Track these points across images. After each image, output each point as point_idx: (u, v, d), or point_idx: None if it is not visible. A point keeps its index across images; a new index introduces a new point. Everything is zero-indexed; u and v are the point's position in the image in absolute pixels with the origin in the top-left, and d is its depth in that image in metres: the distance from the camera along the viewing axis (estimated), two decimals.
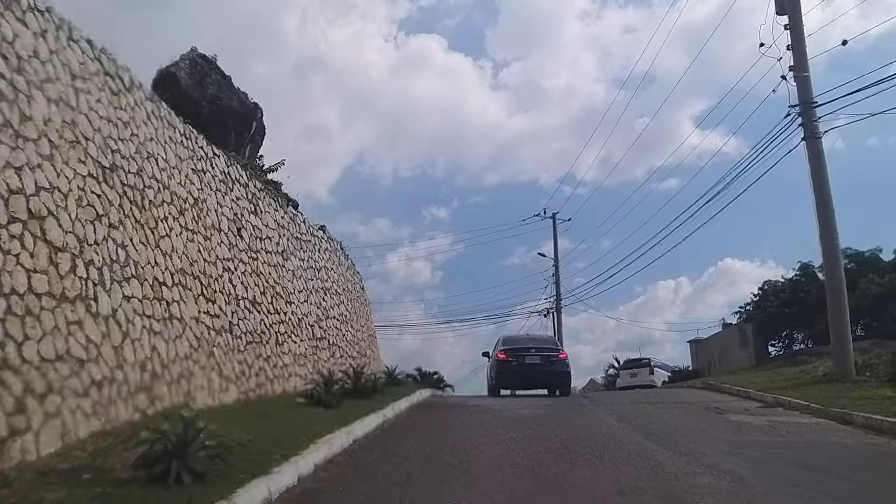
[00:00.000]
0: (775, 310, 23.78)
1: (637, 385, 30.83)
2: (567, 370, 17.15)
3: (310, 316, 14.11)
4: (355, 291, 19.75)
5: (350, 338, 16.84)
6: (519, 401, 15.09)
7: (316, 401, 10.67)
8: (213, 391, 9.39)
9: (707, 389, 17.21)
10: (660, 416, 11.63)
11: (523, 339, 19.81)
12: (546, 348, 17.58)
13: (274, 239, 13.41)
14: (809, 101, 16.08)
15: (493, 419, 11.17)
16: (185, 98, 14.30)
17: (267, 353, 11.66)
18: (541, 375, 16.87)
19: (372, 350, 21.14)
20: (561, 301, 43.25)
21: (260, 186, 13.50)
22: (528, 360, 16.99)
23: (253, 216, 12.68)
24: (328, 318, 15.29)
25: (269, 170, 18.37)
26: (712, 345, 29.60)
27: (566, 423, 10.76)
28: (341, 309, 16.60)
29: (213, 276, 10.32)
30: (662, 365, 32.45)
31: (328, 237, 17.28)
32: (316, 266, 15.44)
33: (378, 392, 13.91)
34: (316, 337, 14.14)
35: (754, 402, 13.89)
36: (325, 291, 15.68)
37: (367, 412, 10.65)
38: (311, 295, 14.57)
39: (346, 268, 19.09)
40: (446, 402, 14.59)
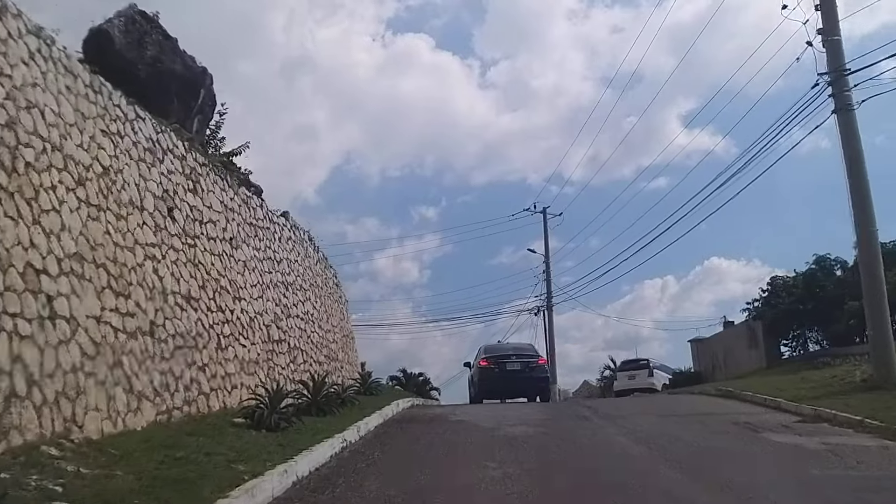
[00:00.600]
0: (788, 307, 21.77)
1: (636, 388, 28.87)
2: (546, 375, 17.68)
3: (265, 315, 11.94)
4: (326, 287, 17.60)
5: (317, 340, 14.69)
6: (510, 412, 13.00)
7: (257, 421, 8.51)
8: (116, 413, 7.21)
9: (724, 397, 15.16)
10: (681, 435, 9.56)
11: (504, 346, 19.97)
12: (526, 355, 17.81)
13: (220, 223, 11.23)
14: (841, 67, 14.06)
15: (480, 442, 9.06)
16: (118, 59, 12.07)
17: (204, 359, 9.48)
18: (522, 381, 17.05)
19: (347, 353, 18.99)
20: (552, 299, 41.27)
21: (202, 161, 11.32)
22: (509, 367, 17.24)
23: (191, 195, 10.50)
24: (289, 318, 13.13)
25: (232, 153, 16.34)
26: (716, 345, 27.65)
27: (572, 446, 8.67)
28: (307, 307, 14.45)
29: (127, 265, 8.13)
30: (662, 366, 30.46)
31: (293, 225, 15.10)
32: (275, 257, 13.27)
33: (346, 405, 11.81)
34: (272, 339, 11.98)
35: (788, 414, 11.85)
36: (287, 286, 13.51)
37: (324, 435, 8.52)
38: (268, 290, 12.41)
39: (316, 261, 16.92)
40: (426, 416, 12.48)
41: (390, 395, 16.82)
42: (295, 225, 15.37)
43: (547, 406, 15.41)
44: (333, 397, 11.50)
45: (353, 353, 20.68)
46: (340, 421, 9.96)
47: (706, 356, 28.24)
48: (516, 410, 13.57)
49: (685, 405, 14.12)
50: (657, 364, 30.24)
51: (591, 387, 40.63)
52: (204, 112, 13.79)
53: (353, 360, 20.19)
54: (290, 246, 14.44)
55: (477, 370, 17.92)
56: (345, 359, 18.03)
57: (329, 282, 18.26)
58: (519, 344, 20.71)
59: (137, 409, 7.67)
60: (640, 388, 28.86)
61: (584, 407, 14.15)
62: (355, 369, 20.24)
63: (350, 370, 18.50)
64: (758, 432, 9.96)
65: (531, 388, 17.34)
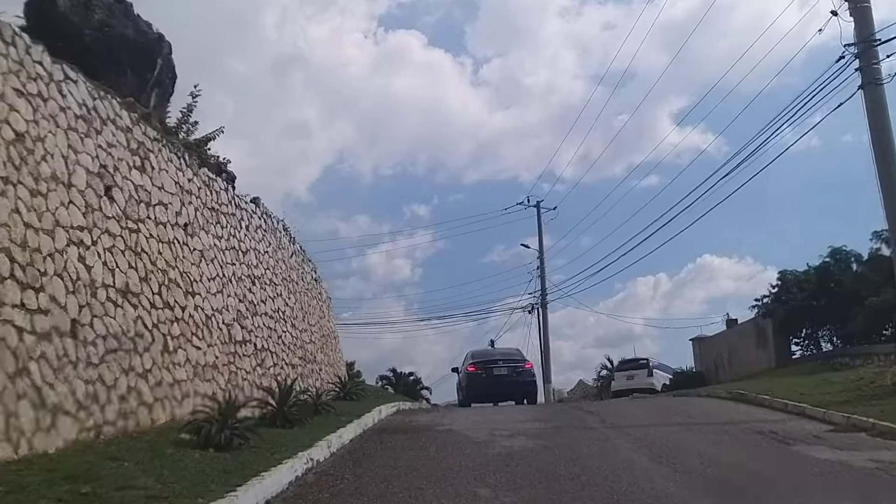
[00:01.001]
0: (800, 303, 20.44)
1: (635, 389, 27.57)
2: (533, 379, 17.90)
3: (226, 312, 10.51)
4: (303, 283, 16.17)
5: (290, 340, 13.26)
6: (504, 420, 11.62)
7: (205, 439, 7.10)
8: (19, 433, 5.78)
9: (737, 401, 13.83)
10: (706, 451, 8.20)
11: (490, 352, 21.00)
12: (512, 359, 18.07)
13: (172, 207, 9.79)
14: (870, 37, 12.76)
15: (472, 460, 7.67)
16: (63, 24, 10.72)
17: (145, 364, 8.05)
18: (509, 385, 17.30)
19: (327, 354, 17.57)
20: (546, 296, 39.94)
21: (154, 136, 9.87)
22: (496, 372, 17.51)
23: (137, 173, 9.05)
24: (256, 315, 11.70)
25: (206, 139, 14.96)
26: (719, 343, 26.38)
27: (580, 466, 7.29)
28: (278, 303, 13.01)
29: (42, 251, 6.69)
30: (661, 365, 29.13)
31: (264, 213, 13.66)
32: (241, 247, 11.84)
33: (321, 413, 10.43)
34: (235, 340, 10.55)
35: (816, 422, 10.53)
36: (255, 280, 12.09)
37: (285, 454, 7.13)
38: (231, 284, 10.97)
39: (292, 253, 15.49)
40: (411, 425, 11.08)
41: (373, 399, 15.45)
42: (267, 212, 13.93)
43: (544, 411, 14.06)
44: (305, 405, 10.10)
45: (335, 354, 19.27)
46: (310, 434, 8.56)
47: (709, 356, 26.98)
48: (510, 417, 12.20)
49: (697, 410, 12.77)
50: (656, 363, 28.94)
51: (587, 386, 39.35)
52: (162, 85, 12.32)
53: (335, 361, 18.78)
54: (260, 235, 13.00)
55: (465, 375, 18.09)
56: (324, 360, 16.62)
57: (307, 276, 16.82)
58: (506, 349, 20.90)
59: (51, 426, 6.24)
60: (638, 389, 27.57)
61: (587, 413, 12.78)
62: (338, 371, 18.84)
63: (331, 372, 17.09)
64: (789, 445, 8.64)
65: (518, 391, 17.50)
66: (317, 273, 19.14)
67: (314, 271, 18.47)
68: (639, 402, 16.39)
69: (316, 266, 18.64)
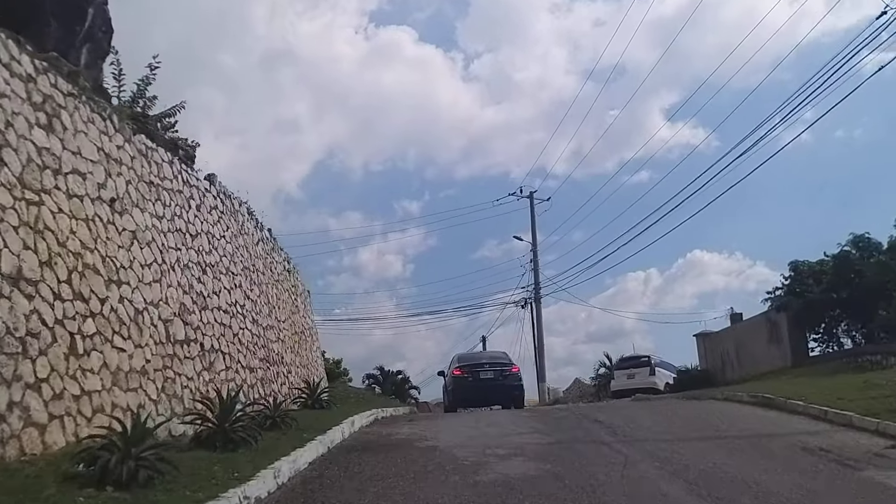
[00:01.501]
0: (818, 295, 18.78)
1: (637, 389, 25.92)
2: (520, 384, 17.58)
3: (165, 305, 8.70)
4: (271, 273, 14.36)
5: (249, 339, 11.45)
6: (497, 433, 9.88)
7: (101, 472, 5.32)
8: None
9: (764, 406, 12.16)
10: (752, 476, 6.50)
11: (477, 355, 20.48)
12: (499, 363, 17.85)
13: (94, 177, 7.97)
14: None
15: (457, 492, 5.93)
16: None
17: (39, 372, 6.25)
18: (495, 390, 17.07)
19: (301, 354, 15.80)
20: (540, 290, 38.26)
21: (69, 90, 8.05)
22: (482, 376, 17.22)
23: (41, 133, 7.22)
24: (206, 310, 9.89)
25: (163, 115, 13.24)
26: (726, 339, 24.69)
27: (597, 499, 5.56)
28: (236, 295, 11.21)
29: None
30: (663, 363, 27.45)
31: (221, 192, 11.85)
32: (189, 230, 10.02)
33: (278, 429, 8.67)
34: (175, 339, 8.74)
35: (869, 434, 8.89)
36: (206, 268, 10.28)
37: (212, 491, 5.37)
38: (173, 272, 9.16)
39: (258, 240, 13.68)
40: (388, 441, 9.31)
41: (349, 406, 13.72)
42: (225, 192, 12.11)
43: (543, 419, 12.33)
44: (257, 419, 8.34)
45: (310, 354, 17.50)
46: (254, 459, 6.79)
47: (715, 352, 25.30)
48: (504, 429, 10.45)
49: (721, 418, 11.07)
50: (658, 361, 27.28)
51: (584, 385, 37.67)
52: (95, 39, 10.46)
53: (310, 361, 17.01)
54: (216, 217, 11.19)
55: (451, 379, 17.87)
56: (296, 362, 14.83)
57: (276, 266, 15.01)
58: (492, 352, 20.65)
59: None
60: (640, 389, 25.94)
61: (594, 422, 11.06)
62: (314, 373, 17.08)
63: (304, 375, 15.33)
64: (854, 469, 6.98)
65: (505, 396, 17.27)
66: (290, 264, 17.36)
67: (287, 261, 16.68)
68: (650, 406, 14.66)
69: (290, 256, 16.87)
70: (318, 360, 19.23)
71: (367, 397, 21.51)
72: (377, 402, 19.09)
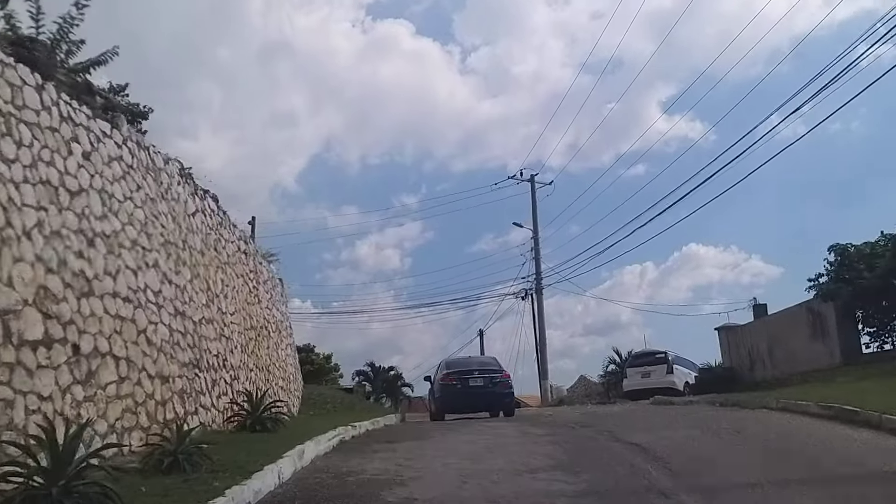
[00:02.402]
0: (871, 281, 15.97)
1: (653, 389, 23.12)
2: (510, 391, 17.10)
3: (6, 289, 5.79)
4: (220, 254, 11.41)
5: (165, 338, 8.47)
6: (501, 468, 7.05)
7: None
8: None
9: (848, 423, 9.28)
10: None
11: (466, 361, 19.25)
12: (489, 370, 17.20)
13: None
14: None
15: None
16: None
17: None
18: (485, 397, 16.54)
19: (258, 354, 12.90)
20: (541, 280, 35.38)
21: None
22: (471, 383, 16.52)
23: None
24: (91, 296, 6.96)
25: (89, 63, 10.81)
26: (756, 333, 21.86)
27: None
28: (147, 278, 8.27)
29: None
30: (679, 359, 24.59)
31: (131, 139, 8.88)
32: (65, 183, 7.06)
33: (178, 470, 5.77)
34: (21, 339, 5.83)
35: None
36: (94, 239, 7.34)
37: None
38: (30, 241, 6.23)
39: (195, 210, 10.71)
40: (341, 487, 6.36)
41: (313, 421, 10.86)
42: (141, 142, 9.16)
43: (560, 440, 9.50)
44: (147, 459, 5.43)
45: (276, 353, 14.63)
46: None
47: (741, 348, 22.50)
48: (510, 459, 7.61)
49: (807, 442, 8.21)
50: (675, 357, 24.42)
51: (590, 383, 34.78)
52: None
53: (274, 362, 14.14)
54: (120, 171, 8.22)
55: (438, 386, 17.08)
56: (247, 364, 11.90)
57: (227, 246, 12.06)
58: (482, 358, 19.71)
59: None
60: (656, 389, 23.13)
61: (631, 447, 8.18)
62: (277, 377, 14.21)
63: (262, 379, 12.44)
64: None
65: (494, 404, 16.71)
66: (251, 244, 14.45)
67: (245, 241, 13.75)
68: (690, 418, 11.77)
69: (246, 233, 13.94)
70: (288, 361, 16.36)
71: (346, 402, 18.68)
72: (355, 411, 16.37)
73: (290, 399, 15.86)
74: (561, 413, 17.39)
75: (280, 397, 14.20)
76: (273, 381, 13.43)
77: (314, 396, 18.13)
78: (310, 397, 17.97)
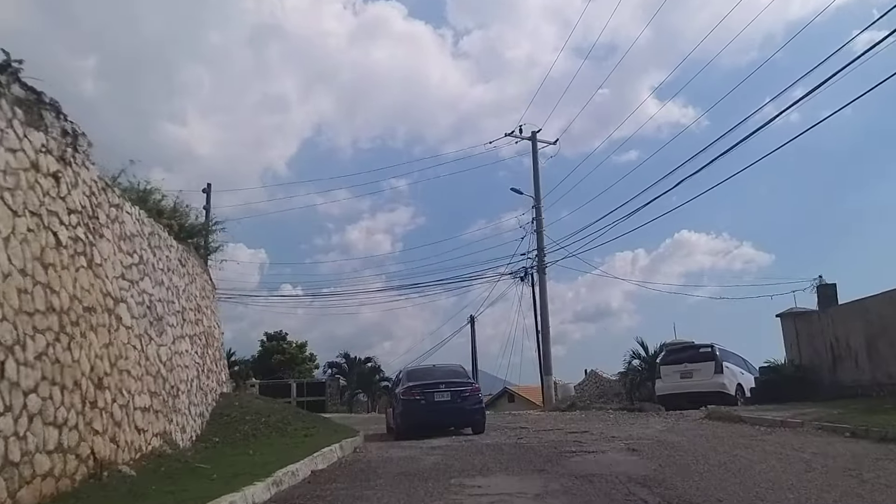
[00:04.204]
0: None
1: (696, 393, 17.74)
2: (481, 406, 15.61)
3: None
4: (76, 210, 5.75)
5: None
6: None
7: None
8: None
9: None
10: None
11: (430, 371, 16.82)
12: (457, 382, 15.45)
13: None
14: None
15: None
16: None
17: None
18: (452, 414, 14.99)
19: (84, 352, 7.20)
20: (544, 256, 29.79)
21: None
22: (437, 398, 14.79)
23: None
24: None
25: None
26: (844, 320, 16.31)
27: None
28: None
29: None
30: (726, 353, 19.06)
31: None
32: None
33: None
34: None
35: None
36: None
37: None
38: None
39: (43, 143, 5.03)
40: None
41: None
42: None
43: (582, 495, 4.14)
44: None
45: (146, 351, 9.00)
46: None
47: (817, 341, 17.03)
48: None
49: None
50: (722, 350, 18.91)
51: (602, 381, 29.16)
52: None
53: (133, 368, 8.50)
54: None
55: (399, 402, 15.13)
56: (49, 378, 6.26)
57: (97, 200, 6.41)
58: (448, 367, 17.56)
59: None
60: (701, 394, 17.75)
61: None
62: (143, 395, 8.61)
63: (78, 401, 6.76)
64: None
65: (462, 420, 15.26)
66: (111, 191, 8.78)
67: (101, 182, 8.04)
68: None
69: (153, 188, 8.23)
70: (183, 361, 10.73)
71: (281, 418, 12.97)
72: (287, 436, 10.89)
73: (180, 420, 10.25)
74: (589, 440, 11.81)
75: (148, 421, 8.62)
76: (125, 400, 7.85)
77: (231, 411, 12.45)
78: (225, 413, 12.31)
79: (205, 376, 12.59)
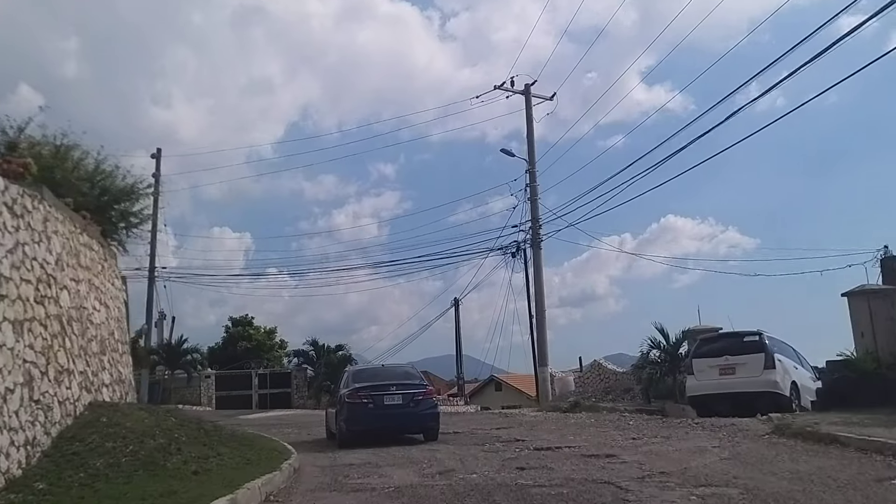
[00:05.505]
0: None
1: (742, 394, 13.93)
2: (435, 411, 14.17)
3: None
4: None
5: None
6: None
7: None
8: None
9: None
10: None
11: (379, 372, 15.19)
12: (409, 384, 14.03)
13: None
14: None
15: None
16: None
17: None
18: (403, 419, 13.74)
19: None
20: (539, 227, 25.74)
21: None
22: (387, 402, 13.52)
23: None
24: None
25: None
26: None
27: None
28: None
29: None
30: (776, 342, 15.07)
31: None
32: None
33: None
34: None
35: None
36: None
37: None
38: None
39: None
40: None
41: None
42: None
43: None
44: None
45: None
46: None
47: None
48: None
49: None
50: (772, 340, 14.93)
51: (607, 373, 25.07)
52: None
53: None
54: None
55: (344, 405, 13.39)
56: None
57: None
58: (398, 367, 15.70)
59: None
60: (748, 395, 13.91)
61: None
62: None
63: None
64: None
65: (414, 426, 13.97)
66: None
67: None
68: None
69: None
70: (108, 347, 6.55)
71: (171, 444, 8.79)
72: (159, 478, 6.71)
73: None
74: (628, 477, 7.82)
75: None
76: None
77: (90, 434, 8.25)
78: (79, 437, 8.13)
79: (49, 383, 8.39)
